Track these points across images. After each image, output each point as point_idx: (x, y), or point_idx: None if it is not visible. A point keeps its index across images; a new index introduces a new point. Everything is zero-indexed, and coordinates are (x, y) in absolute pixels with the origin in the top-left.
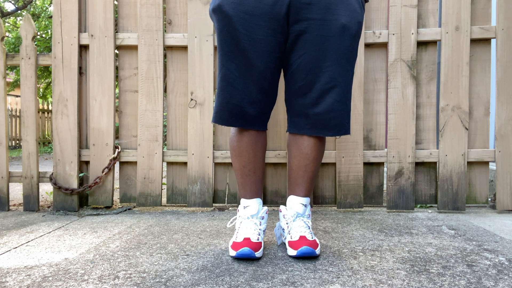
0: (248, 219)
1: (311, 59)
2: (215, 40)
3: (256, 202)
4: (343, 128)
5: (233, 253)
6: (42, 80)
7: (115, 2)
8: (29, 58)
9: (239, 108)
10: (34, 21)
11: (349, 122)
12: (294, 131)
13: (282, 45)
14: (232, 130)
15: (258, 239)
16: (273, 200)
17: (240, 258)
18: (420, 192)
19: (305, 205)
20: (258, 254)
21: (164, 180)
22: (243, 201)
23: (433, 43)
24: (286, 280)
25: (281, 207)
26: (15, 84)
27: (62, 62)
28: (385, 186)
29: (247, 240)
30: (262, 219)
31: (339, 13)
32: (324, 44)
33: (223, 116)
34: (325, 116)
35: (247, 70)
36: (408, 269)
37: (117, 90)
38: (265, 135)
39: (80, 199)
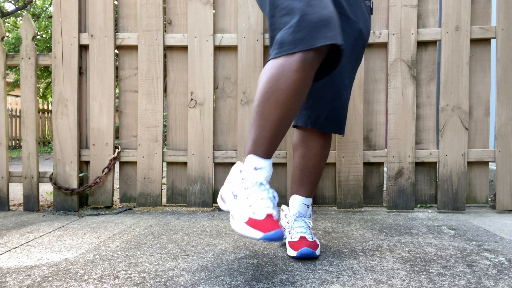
0: (262, 186)
1: None
2: (215, 40)
3: (270, 164)
4: (344, 127)
5: (257, 234)
6: (42, 80)
7: (115, 2)
8: (29, 58)
9: (335, 20)
10: (34, 21)
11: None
12: (303, 125)
13: None
14: (278, 65)
15: (278, 215)
16: None
17: (265, 240)
18: (420, 192)
19: (308, 206)
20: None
21: (164, 180)
22: (255, 161)
23: (433, 43)
24: (286, 280)
25: (283, 206)
26: (15, 84)
27: (62, 62)
28: (385, 186)
29: (270, 218)
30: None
31: (358, 16)
32: (346, 40)
33: (317, 34)
34: (339, 112)
35: None
36: (408, 269)
37: (117, 90)
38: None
39: (80, 199)
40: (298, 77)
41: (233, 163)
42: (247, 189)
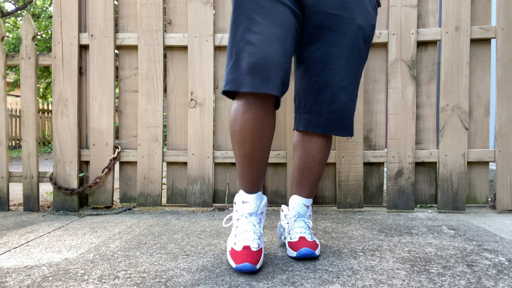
0: (246, 218)
1: (327, 54)
2: (215, 40)
3: (257, 198)
4: (351, 129)
5: (233, 264)
6: (42, 80)
7: (115, 2)
8: (29, 58)
9: (263, 67)
10: (34, 21)
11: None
12: (304, 129)
13: (300, 20)
14: (233, 109)
15: (258, 246)
16: (273, 200)
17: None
18: (420, 192)
19: (307, 206)
20: (258, 265)
21: (164, 180)
22: (242, 195)
23: (433, 43)
24: (286, 280)
25: (283, 206)
26: (15, 84)
27: (62, 62)
28: (385, 186)
29: (247, 250)
30: (262, 214)
31: (355, 12)
32: (341, 40)
33: (243, 80)
34: (338, 114)
35: (269, 29)
36: (408, 269)
37: (117, 90)
38: (274, 117)
39: (80, 199)
40: (247, 118)
41: (233, 163)
42: (238, 221)
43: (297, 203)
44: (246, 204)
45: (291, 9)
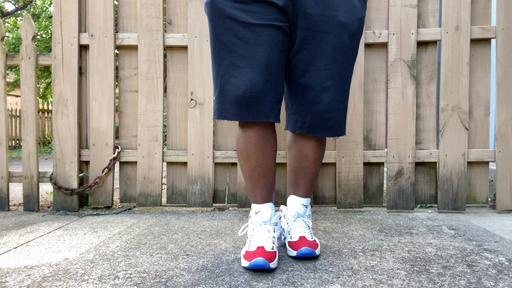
0: (260, 226)
1: (309, 55)
2: None
3: (269, 207)
4: (339, 129)
5: (245, 263)
6: (42, 80)
7: (115, 2)
8: (29, 58)
9: (247, 99)
10: (34, 21)
11: (345, 123)
12: (292, 130)
13: (286, 29)
14: (238, 130)
15: (272, 248)
16: None
17: (253, 269)
18: (420, 192)
19: (306, 206)
20: (273, 264)
21: (164, 180)
22: (254, 206)
23: (433, 43)
24: (286, 280)
25: (282, 207)
26: (15, 84)
27: (62, 62)
28: (385, 186)
29: (261, 249)
30: (276, 225)
31: (338, 9)
32: (322, 41)
33: (230, 110)
34: (322, 116)
35: (251, 59)
36: (408, 269)
37: (117, 90)
38: (275, 134)
39: (80, 199)
40: (249, 135)
41: (233, 163)
42: (253, 230)
43: (295, 203)
44: (259, 214)
45: (273, 26)
